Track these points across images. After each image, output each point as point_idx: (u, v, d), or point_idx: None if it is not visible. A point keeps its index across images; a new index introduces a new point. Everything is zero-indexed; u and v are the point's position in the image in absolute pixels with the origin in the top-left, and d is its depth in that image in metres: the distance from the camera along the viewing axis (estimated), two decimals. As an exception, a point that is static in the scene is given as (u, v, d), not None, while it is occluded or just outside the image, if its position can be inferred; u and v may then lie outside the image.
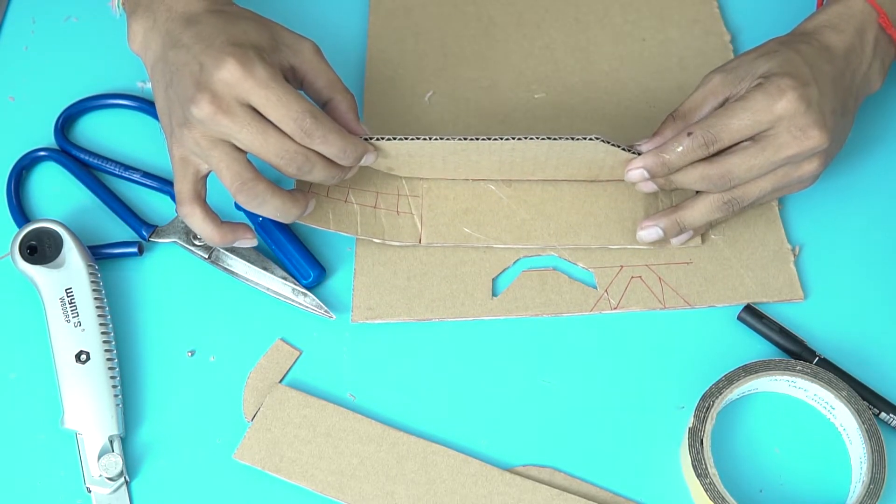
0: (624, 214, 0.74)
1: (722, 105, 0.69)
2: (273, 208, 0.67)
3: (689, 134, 0.67)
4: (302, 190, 0.72)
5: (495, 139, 0.69)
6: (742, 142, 0.67)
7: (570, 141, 0.68)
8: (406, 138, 0.69)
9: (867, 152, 0.78)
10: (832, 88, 0.68)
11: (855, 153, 0.78)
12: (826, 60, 0.69)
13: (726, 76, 0.70)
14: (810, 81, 0.67)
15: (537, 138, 0.68)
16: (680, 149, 0.67)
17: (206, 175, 0.68)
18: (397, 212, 0.75)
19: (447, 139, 0.69)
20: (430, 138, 0.69)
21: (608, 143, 0.68)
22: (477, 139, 0.69)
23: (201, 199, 0.68)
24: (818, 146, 0.67)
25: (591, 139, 0.68)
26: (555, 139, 0.68)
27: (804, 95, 0.66)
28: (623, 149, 0.69)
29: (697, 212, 0.71)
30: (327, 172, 0.67)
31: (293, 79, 0.69)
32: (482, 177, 0.75)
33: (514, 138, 0.68)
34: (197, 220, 0.68)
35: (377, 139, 0.69)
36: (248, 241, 0.70)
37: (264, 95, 0.63)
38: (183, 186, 0.67)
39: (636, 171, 0.69)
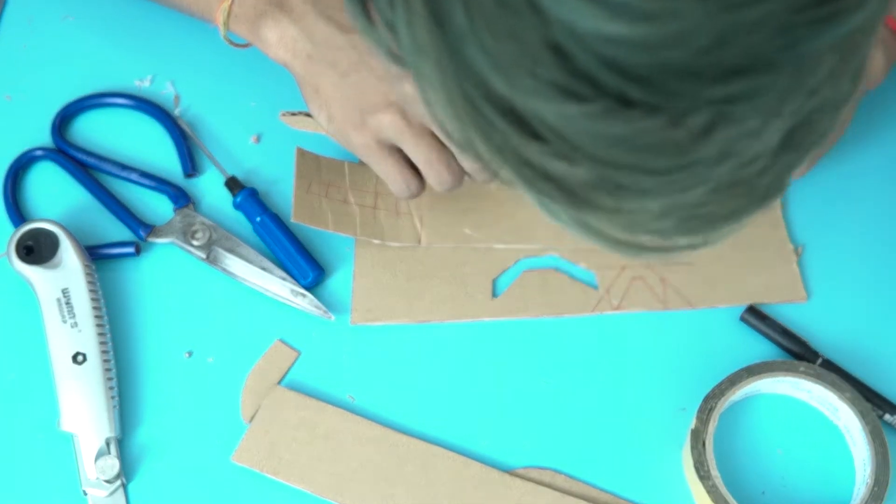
0: (625, 214, 0.74)
1: None
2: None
3: None
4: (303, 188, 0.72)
5: None
6: None
7: None
8: None
9: (870, 152, 0.78)
10: None
11: (858, 153, 0.77)
12: None
13: None
14: None
15: None
16: None
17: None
18: (397, 212, 0.74)
19: None
20: None
21: None
22: None
23: (408, 165, 0.67)
24: None
25: None
26: None
27: None
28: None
29: None
30: None
31: None
32: (483, 177, 0.75)
33: None
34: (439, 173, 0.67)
35: None
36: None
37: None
38: (392, 169, 0.67)
39: None
